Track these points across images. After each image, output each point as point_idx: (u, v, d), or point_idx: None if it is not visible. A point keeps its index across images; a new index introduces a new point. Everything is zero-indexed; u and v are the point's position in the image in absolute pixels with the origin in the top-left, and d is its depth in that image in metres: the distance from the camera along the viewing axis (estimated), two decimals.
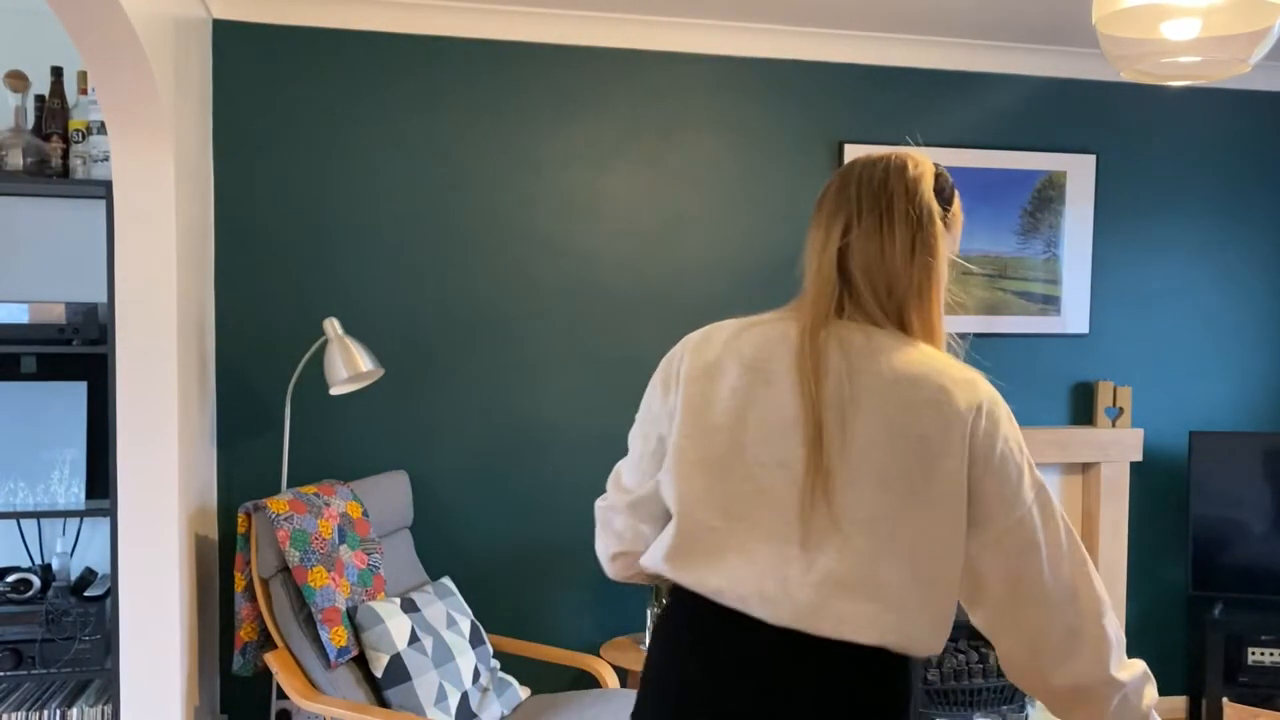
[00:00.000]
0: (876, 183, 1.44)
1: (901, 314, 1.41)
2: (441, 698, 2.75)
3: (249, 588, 2.81)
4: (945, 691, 3.78)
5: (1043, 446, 3.82)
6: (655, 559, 1.43)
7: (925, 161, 1.47)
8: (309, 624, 2.74)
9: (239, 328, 3.34)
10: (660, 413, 1.49)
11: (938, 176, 1.46)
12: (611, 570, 1.61)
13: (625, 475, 1.56)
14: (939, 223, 1.43)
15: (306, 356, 3.17)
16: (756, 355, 1.41)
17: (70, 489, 2.87)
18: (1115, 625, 1.40)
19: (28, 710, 2.80)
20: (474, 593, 3.33)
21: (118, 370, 2.67)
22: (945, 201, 1.45)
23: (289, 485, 3.24)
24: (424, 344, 3.47)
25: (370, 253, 3.42)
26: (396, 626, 2.78)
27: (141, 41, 2.40)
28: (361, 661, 2.79)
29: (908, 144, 3.76)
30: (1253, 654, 3.78)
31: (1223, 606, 3.78)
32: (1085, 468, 3.93)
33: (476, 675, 2.90)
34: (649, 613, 3.42)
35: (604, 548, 1.59)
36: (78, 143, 2.81)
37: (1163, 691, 4.03)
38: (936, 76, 3.77)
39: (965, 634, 3.91)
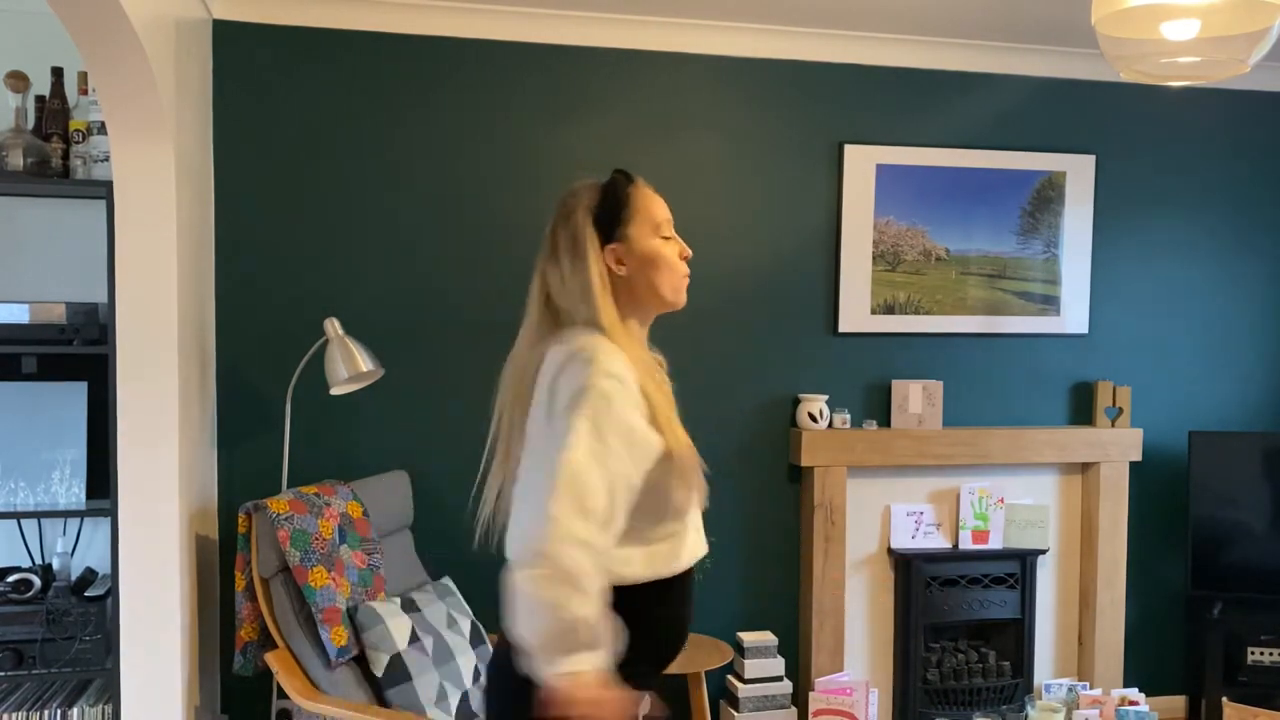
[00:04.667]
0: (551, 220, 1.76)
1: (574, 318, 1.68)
2: (442, 697, 2.75)
3: (249, 588, 2.81)
4: (945, 691, 3.78)
5: (1042, 446, 3.83)
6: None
7: (584, 187, 1.74)
8: (309, 624, 2.74)
9: (239, 328, 3.34)
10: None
11: (602, 191, 1.72)
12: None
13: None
14: (585, 238, 1.69)
15: (306, 356, 3.17)
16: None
17: (71, 489, 2.87)
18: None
19: (28, 710, 2.80)
20: (474, 592, 3.32)
21: (118, 370, 2.67)
22: (610, 216, 1.70)
23: (289, 485, 3.23)
24: (424, 344, 3.47)
25: (370, 253, 3.42)
26: (397, 626, 2.78)
27: (141, 41, 2.40)
28: (362, 661, 2.79)
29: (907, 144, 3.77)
30: (1252, 654, 3.78)
31: (1222, 606, 3.78)
32: (1085, 468, 3.93)
33: (477, 675, 2.90)
34: None
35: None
36: (78, 143, 2.81)
37: (1163, 691, 4.04)
38: (936, 76, 3.77)
39: (965, 634, 3.92)
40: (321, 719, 2.67)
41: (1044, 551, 3.87)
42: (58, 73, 2.88)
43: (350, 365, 3.04)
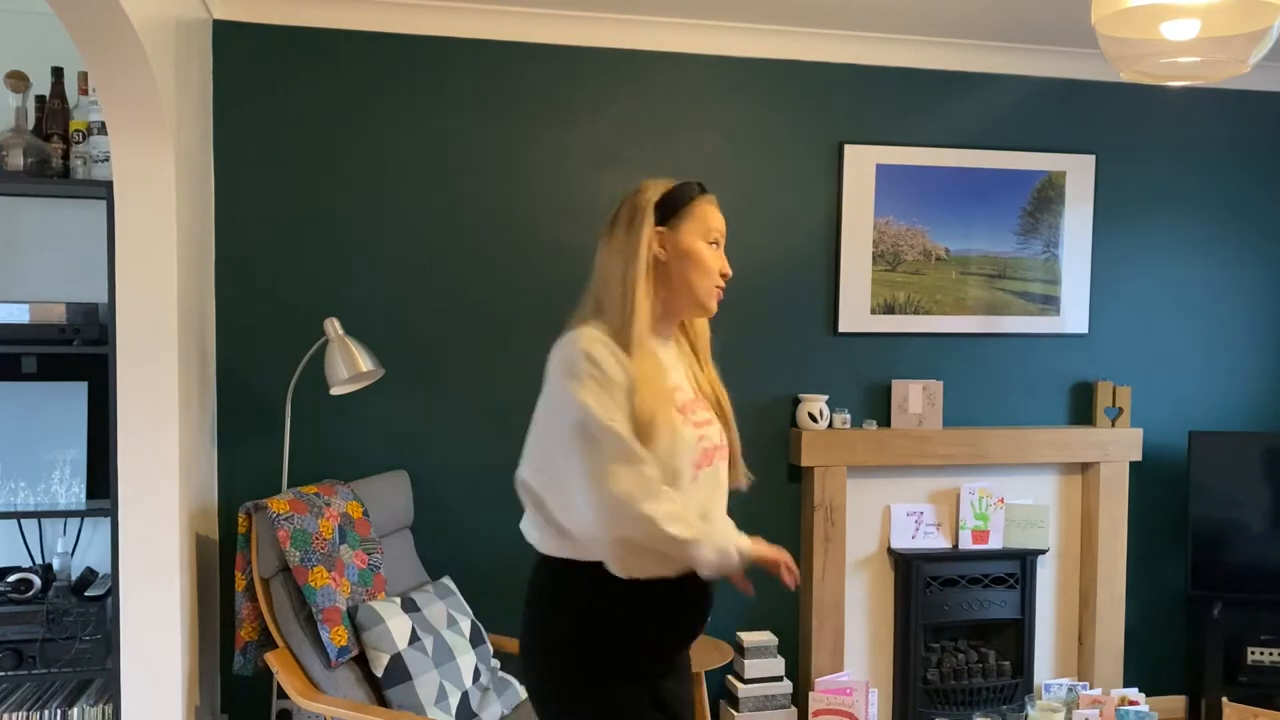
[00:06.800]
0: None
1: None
2: (442, 697, 2.75)
3: (249, 587, 2.81)
4: (945, 691, 3.78)
5: (1042, 446, 3.83)
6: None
7: (658, 181, 1.89)
8: (309, 624, 2.75)
9: (239, 328, 3.34)
10: None
11: (673, 186, 1.87)
12: None
13: None
14: (644, 212, 1.84)
15: (306, 356, 3.17)
16: None
17: (71, 489, 2.87)
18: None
19: (28, 710, 2.80)
20: (474, 592, 3.32)
21: (118, 370, 2.67)
22: (670, 206, 1.85)
23: (289, 485, 3.24)
24: (424, 344, 3.47)
25: (370, 253, 3.42)
26: (397, 626, 2.78)
27: (142, 42, 2.40)
28: (362, 661, 2.79)
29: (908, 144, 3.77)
30: (1252, 654, 3.78)
31: (1222, 606, 3.78)
32: (1085, 467, 3.93)
33: (477, 675, 2.90)
34: None
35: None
36: (78, 143, 2.81)
37: (1162, 691, 4.04)
38: (936, 76, 3.77)
39: (965, 634, 3.92)
40: (322, 719, 2.67)
41: (1044, 551, 3.87)
42: (58, 73, 2.88)
43: (350, 365, 3.04)
